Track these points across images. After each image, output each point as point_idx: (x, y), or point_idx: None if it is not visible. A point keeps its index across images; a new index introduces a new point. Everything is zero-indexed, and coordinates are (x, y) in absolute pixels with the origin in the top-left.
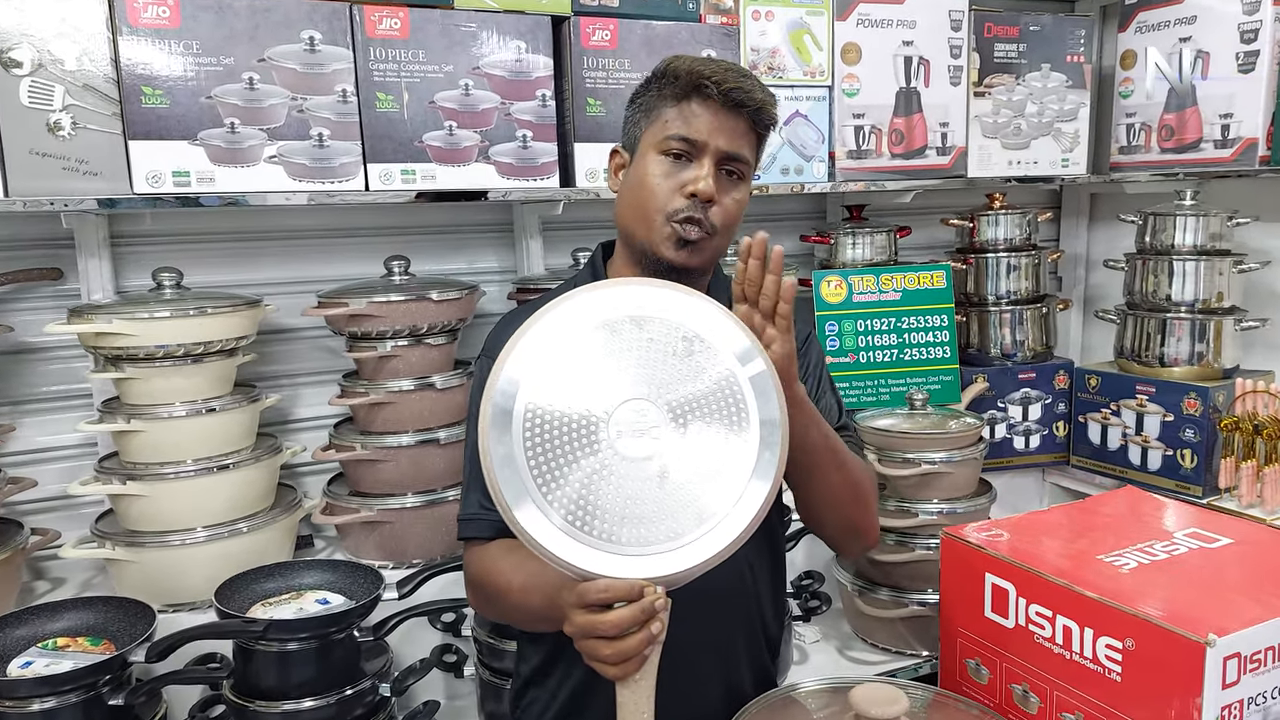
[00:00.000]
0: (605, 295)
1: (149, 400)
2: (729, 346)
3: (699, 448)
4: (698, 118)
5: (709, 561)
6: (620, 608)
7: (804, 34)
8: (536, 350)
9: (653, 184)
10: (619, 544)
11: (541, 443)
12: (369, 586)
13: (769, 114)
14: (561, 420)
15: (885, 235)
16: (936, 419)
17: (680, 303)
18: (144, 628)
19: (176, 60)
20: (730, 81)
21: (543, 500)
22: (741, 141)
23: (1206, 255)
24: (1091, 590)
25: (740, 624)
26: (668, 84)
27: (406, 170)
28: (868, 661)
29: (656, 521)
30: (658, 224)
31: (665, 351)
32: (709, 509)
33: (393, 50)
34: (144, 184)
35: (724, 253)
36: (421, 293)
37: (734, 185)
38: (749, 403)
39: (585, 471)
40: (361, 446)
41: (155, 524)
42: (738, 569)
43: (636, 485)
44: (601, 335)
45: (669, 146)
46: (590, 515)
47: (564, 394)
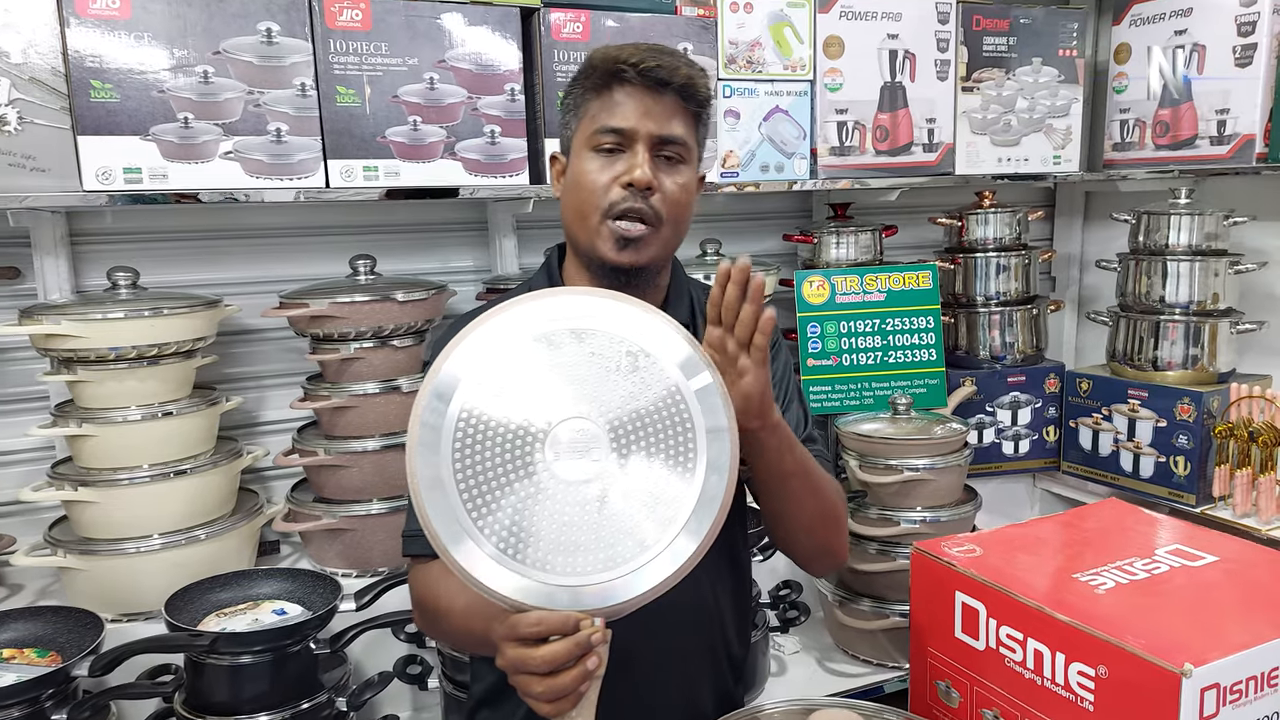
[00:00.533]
0: (545, 306)
1: (102, 404)
2: (676, 363)
3: (641, 470)
4: (621, 105)
5: (651, 593)
6: (554, 641)
7: (785, 26)
8: (469, 364)
9: (587, 182)
10: (553, 573)
11: (472, 463)
12: (327, 597)
13: (698, 89)
14: (494, 440)
15: (870, 234)
16: (921, 424)
17: (625, 315)
18: (91, 639)
19: (127, 52)
20: (649, 60)
21: (471, 525)
22: (673, 122)
23: (1202, 255)
24: (1064, 613)
25: (701, 647)
26: (588, 77)
27: (369, 167)
28: (848, 674)
29: (594, 549)
30: (595, 223)
31: (607, 367)
32: (651, 536)
33: (354, 42)
34: (94, 181)
35: (676, 245)
36: (386, 293)
37: (674, 169)
38: (696, 424)
39: (518, 495)
40: (325, 451)
41: (109, 531)
42: (698, 590)
43: (573, 510)
44: (540, 348)
45: (598, 141)
46: (523, 542)
47: (498, 411)
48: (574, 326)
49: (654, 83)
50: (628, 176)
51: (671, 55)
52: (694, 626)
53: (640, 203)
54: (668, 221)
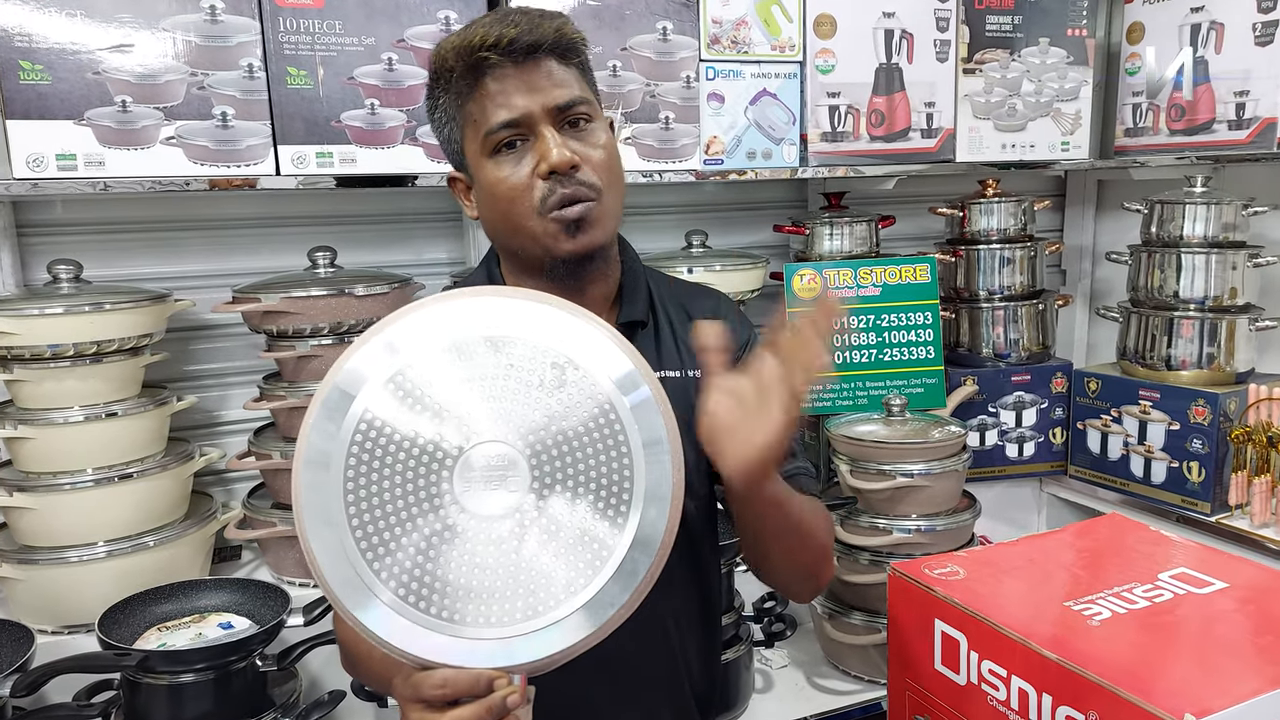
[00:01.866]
0: (456, 310)
1: (42, 404)
2: (609, 376)
3: (567, 504)
4: (501, 94)
5: (579, 646)
6: (465, 704)
7: (772, 4)
8: (382, 358)
9: (504, 190)
10: (463, 624)
11: (367, 495)
12: (277, 609)
13: (570, 37)
14: (396, 461)
15: (866, 225)
16: (916, 426)
17: (550, 319)
18: (19, 655)
19: (60, 30)
20: (509, 30)
21: (365, 566)
22: (563, 86)
23: (1218, 247)
24: (1052, 649)
25: (661, 686)
26: (449, 77)
27: (322, 153)
28: (837, 690)
29: (511, 596)
30: (535, 226)
31: (528, 381)
32: (579, 580)
33: (305, 20)
34: (24, 168)
35: (620, 207)
36: (345, 287)
37: (587, 133)
38: (632, 446)
39: (422, 531)
40: (281, 454)
41: (50, 539)
42: (654, 618)
43: (487, 550)
44: (449, 360)
45: (496, 141)
46: (427, 588)
47: (405, 427)
48: (490, 334)
49: (523, 52)
50: (546, 164)
51: (522, 12)
52: (654, 664)
53: (571, 186)
54: (606, 189)
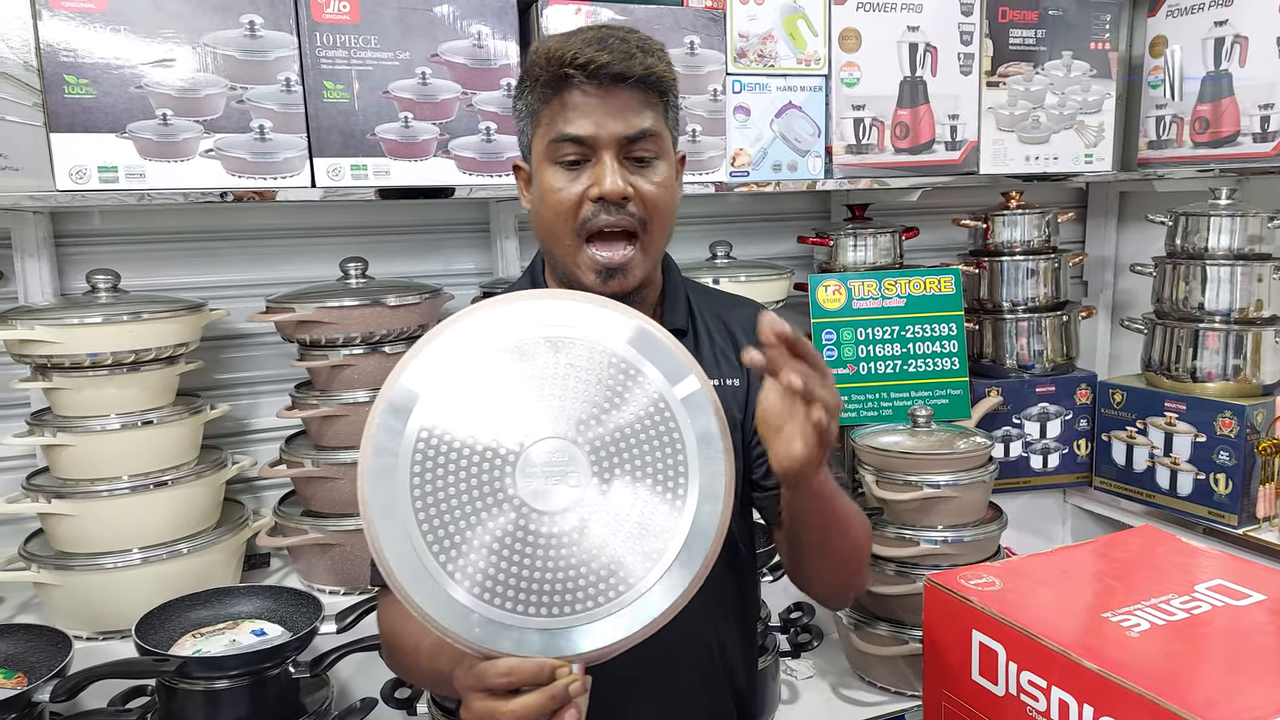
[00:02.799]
0: (517, 311)
1: (80, 411)
2: (662, 372)
3: (626, 497)
4: (576, 110)
5: (637, 635)
6: (527, 693)
7: (798, 18)
8: (428, 377)
9: (554, 201)
10: (526, 615)
11: (433, 491)
12: (310, 616)
13: (660, 75)
14: (459, 464)
15: (890, 236)
16: (942, 437)
17: (607, 321)
18: (61, 660)
19: (104, 46)
20: (600, 56)
21: (432, 560)
22: (639, 117)
23: (1244, 259)
24: (1092, 660)
25: (702, 687)
26: (535, 80)
27: (357, 165)
28: (864, 702)
29: (575, 587)
30: (572, 248)
31: (587, 380)
32: (636, 573)
33: (342, 35)
34: (68, 180)
35: (664, 245)
36: (377, 297)
37: (648, 168)
38: (686, 442)
39: (487, 526)
40: (312, 462)
41: (87, 545)
42: (694, 621)
43: (550, 544)
44: (510, 359)
45: (559, 153)
46: (492, 580)
47: (462, 431)
48: (549, 335)
49: (609, 79)
50: (597, 189)
51: (622, 41)
52: (694, 663)
53: (616, 214)
54: (653, 227)
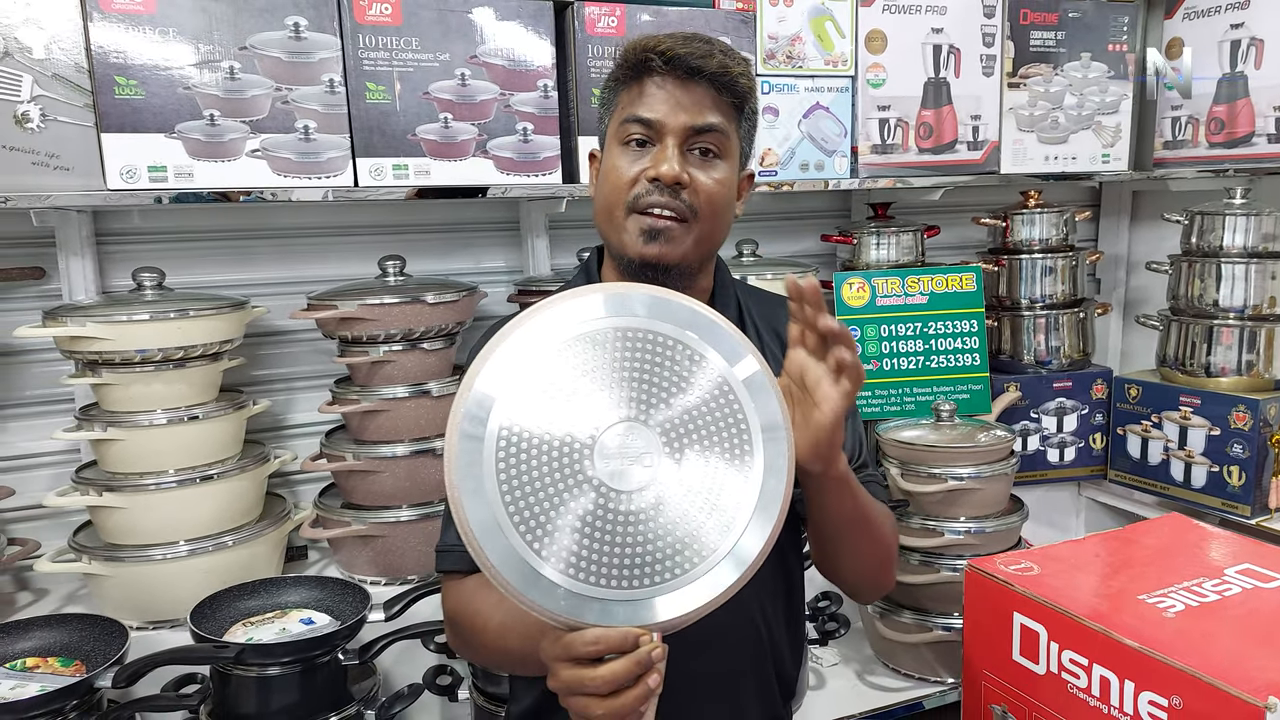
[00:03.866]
0: (579, 305)
1: (128, 407)
2: (720, 353)
3: (697, 475)
4: (651, 95)
5: (712, 603)
6: (612, 660)
7: (826, 20)
8: (502, 379)
9: (614, 177)
10: (610, 588)
11: (518, 482)
12: (356, 606)
13: (735, 79)
14: (539, 456)
15: (912, 235)
16: (965, 431)
17: (665, 309)
18: (116, 649)
19: (152, 48)
20: (680, 48)
21: (522, 543)
22: (707, 112)
23: (1258, 258)
24: (1132, 638)
25: (751, 669)
26: (619, 68)
27: (399, 165)
28: (889, 688)
29: (651, 560)
30: (620, 218)
31: (651, 364)
32: (710, 544)
33: (384, 37)
34: (118, 179)
35: (715, 244)
36: (416, 295)
37: (708, 164)
38: (749, 420)
39: (568, 507)
40: (353, 456)
41: (135, 537)
42: (746, 608)
43: (629, 520)
44: (577, 350)
45: (627, 133)
46: (577, 557)
47: (538, 426)
48: (614, 325)
49: (685, 71)
50: (654, 170)
51: (706, 43)
52: (745, 647)
53: (668, 197)
54: (702, 218)
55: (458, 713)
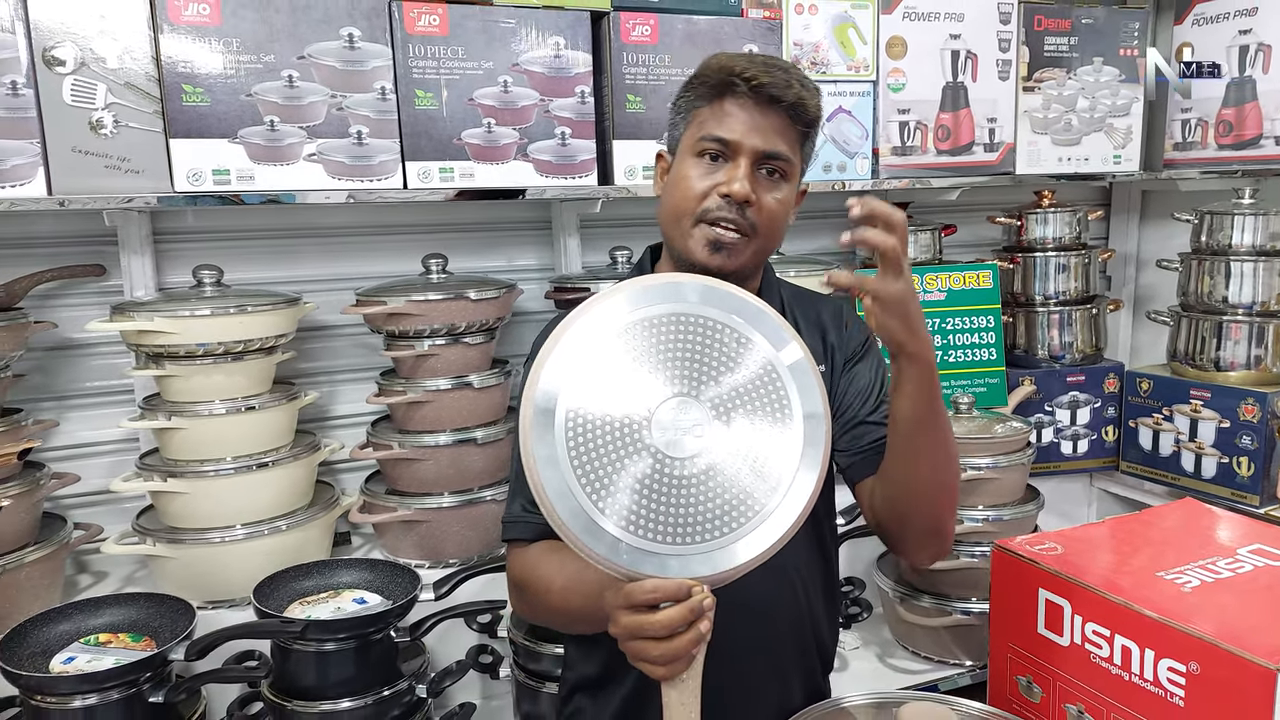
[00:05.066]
0: (638, 293)
1: (189, 397)
2: (766, 338)
3: (743, 443)
4: (731, 116)
5: (757, 558)
6: (667, 608)
7: (848, 28)
8: (573, 355)
9: (686, 186)
10: (666, 544)
11: (584, 446)
12: (406, 586)
13: (808, 109)
14: (603, 423)
15: (930, 234)
16: (982, 423)
17: (714, 296)
18: (184, 625)
19: (217, 58)
20: (763, 76)
21: (587, 501)
22: (779, 139)
23: (1266, 256)
24: (1152, 609)
25: (791, 637)
26: (701, 84)
27: (445, 168)
28: (910, 670)
29: (703, 519)
30: (688, 226)
31: (702, 346)
32: (755, 505)
33: (432, 47)
34: (185, 182)
35: (769, 254)
36: (459, 291)
37: (774, 185)
38: (790, 395)
39: (630, 473)
40: (399, 445)
41: (195, 521)
42: (787, 579)
43: (683, 485)
44: (638, 334)
45: (703, 147)
46: (639, 516)
47: (604, 397)
48: (669, 311)
49: (765, 99)
50: (726, 188)
51: (785, 71)
52: (785, 619)
53: (735, 213)
54: (761, 234)
55: (498, 690)
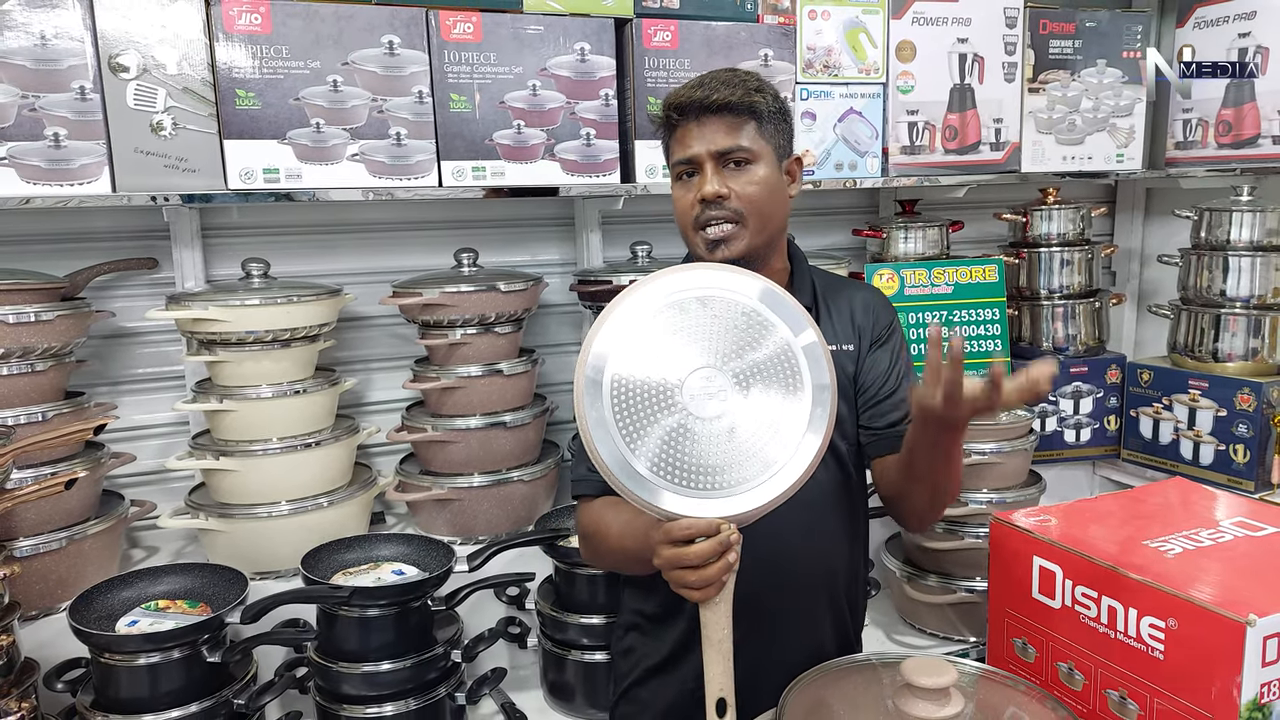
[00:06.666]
0: (674, 279)
1: (239, 382)
2: (785, 322)
3: (761, 408)
4: (683, 140)
5: (772, 502)
6: (701, 542)
7: (859, 32)
8: (618, 330)
9: (680, 206)
10: (697, 489)
11: (627, 407)
12: (441, 559)
13: (741, 101)
14: (642, 388)
15: (937, 229)
16: None
17: (740, 283)
18: (237, 592)
19: (267, 64)
20: (691, 95)
21: (631, 455)
22: (727, 136)
23: (1263, 251)
24: (1136, 573)
25: (819, 589)
26: (662, 124)
27: (477, 167)
28: (916, 646)
29: (727, 470)
30: (692, 236)
31: (728, 325)
32: (771, 459)
33: (466, 53)
34: (237, 180)
35: (773, 230)
36: (490, 283)
37: (744, 171)
38: (802, 369)
39: (665, 430)
40: (432, 428)
41: (244, 497)
42: (820, 540)
43: (709, 440)
44: (673, 313)
45: (679, 170)
46: (672, 466)
47: (643, 366)
48: (700, 294)
49: (699, 111)
50: (699, 194)
51: (712, 78)
52: (810, 570)
53: (718, 210)
54: (750, 215)
55: (525, 659)
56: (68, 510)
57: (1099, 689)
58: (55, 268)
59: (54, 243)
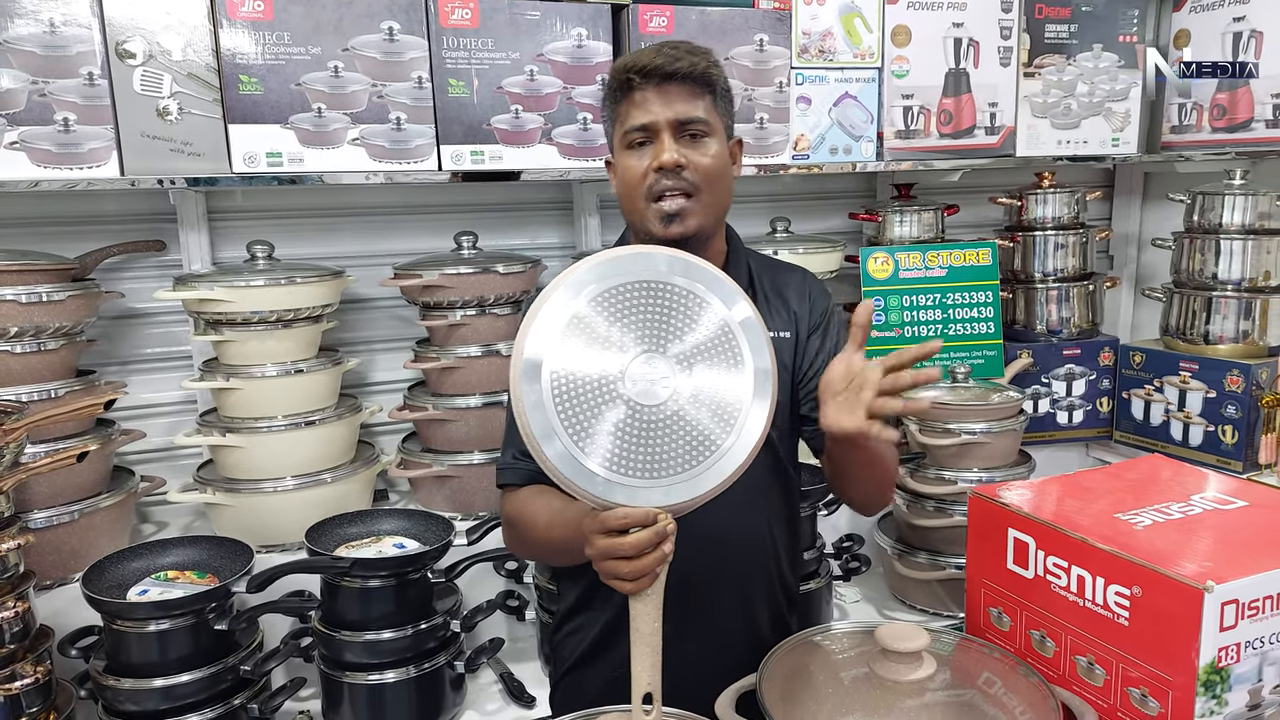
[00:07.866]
0: (608, 263)
1: (244, 361)
2: (721, 300)
3: (703, 391)
4: (640, 105)
5: (711, 492)
6: (635, 532)
7: (855, 17)
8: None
9: (629, 175)
10: (634, 477)
11: (568, 398)
12: (441, 533)
13: (702, 71)
14: (583, 379)
15: (933, 213)
16: (978, 391)
17: (675, 264)
18: (243, 563)
19: (270, 50)
20: (653, 59)
21: (570, 443)
22: (689, 105)
23: (1255, 234)
24: (1105, 544)
25: (757, 571)
26: (612, 88)
27: (475, 151)
28: (905, 621)
29: (669, 458)
30: (642, 208)
31: (666, 308)
32: (712, 445)
33: (464, 39)
34: (241, 164)
35: (721, 209)
36: (488, 266)
37: (699, 144)
38: (742, 349)
39: (607, 419)
40: (433, 407)
41: (250, 473)
42: (756, 524)
43: (652, 427)
44: (611, 299)
45: (630, 139)
46: (612, 454)
47: (582, 357)
48: (636, 278)
49: (661, 77)
50: (657, 161)
51: (674, 48)
52: (750, 555)
53: (674, 180)
54: (704, 189)
55: (522, 631)
56: (80, 484)
57: (1069, 655)
58: (66, 249)
59: (65, 225)
